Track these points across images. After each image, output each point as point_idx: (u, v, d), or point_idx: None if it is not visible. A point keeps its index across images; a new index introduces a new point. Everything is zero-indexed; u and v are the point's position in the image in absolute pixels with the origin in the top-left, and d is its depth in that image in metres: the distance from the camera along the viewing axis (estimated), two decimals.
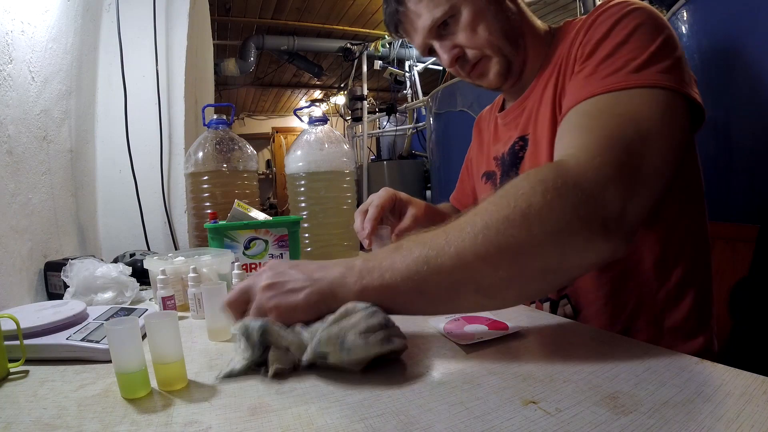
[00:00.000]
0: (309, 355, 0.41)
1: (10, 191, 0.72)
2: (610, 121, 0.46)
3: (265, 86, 6.07)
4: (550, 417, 0.32)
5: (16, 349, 0.46)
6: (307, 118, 1.03)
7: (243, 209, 0.85)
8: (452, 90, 2.45)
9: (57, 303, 0.57)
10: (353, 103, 3.93)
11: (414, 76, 4.01)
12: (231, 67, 4.27)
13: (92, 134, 1.11)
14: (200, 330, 0.58)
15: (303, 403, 0.37)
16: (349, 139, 4.27)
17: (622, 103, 0.47)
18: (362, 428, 0.32)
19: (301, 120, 1.06)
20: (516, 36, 0.63)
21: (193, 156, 1.00)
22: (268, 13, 3.98)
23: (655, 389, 0.35)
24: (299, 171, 0.99)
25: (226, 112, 1.08)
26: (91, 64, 1.09)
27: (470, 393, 0.37)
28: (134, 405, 0.37)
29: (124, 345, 0.39)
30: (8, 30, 0.74)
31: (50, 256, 0.82)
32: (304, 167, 0.98)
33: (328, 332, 0.40)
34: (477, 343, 0.47)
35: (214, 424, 0.34)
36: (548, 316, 0.57)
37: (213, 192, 1.00)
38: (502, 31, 0.61)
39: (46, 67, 0.86)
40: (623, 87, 0.47)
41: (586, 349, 0.44)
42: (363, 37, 4.34)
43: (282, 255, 0.81)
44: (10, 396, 0.40)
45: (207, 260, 0.70)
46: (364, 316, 0.40)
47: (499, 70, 0.64)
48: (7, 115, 0.72)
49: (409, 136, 3.78)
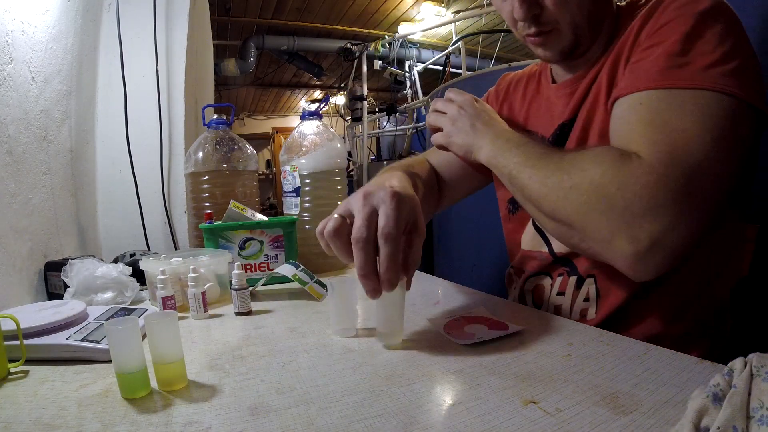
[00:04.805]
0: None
1: (10, 191, 0.72)
2: (675, 127, 0.45)
3: (265, 86, 6.07)
4: (550, 417, 0.32)
5: (16, 349, 0.46)
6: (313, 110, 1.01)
7: (239, 209, 0.85)
8: None
9: (57, 303, 0.57)
10: (353, 103, 3.93)
11: (414, 76, 4.01)
12: (231, 67, 4.28)
13: (92, 134, 1.11)
14: (200, 330, 0.58)
15: (303, 403, 0.37)
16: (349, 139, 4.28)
17: (688, 105, 0.45)
18: (362, 428, 0.32)
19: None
20: (597, 21, 0.59)
21: (193, 156, 1.00)
22: (268, 13, 3.98)
23: (655, 389, 0.35)
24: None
25: (226, 112, 1.08)
26: (91, 64, 1.09)
27: (470, 393, 0.37)
28: (134, 405, 0.37)
29: (124, 345, 0.39)
30: (8, 30, 0.74)
31: (50, 256, 0.82)
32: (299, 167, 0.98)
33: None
34: (477, 343, 0.47)
35: (214, 424, 0.34)
36: (548, 316, 0.57)
37: (213, 192, 1.00)
38: (589, 11, 0.57)
39: (46, 67, 0.86)
40: (690, 86, 0.46)
41: (586, 349, 0.44)
42: (363, 37, 4.34)
43: (277, 256, 0.81)
44: (10, 396, 0.40)
45: (204, 261, 0.70)
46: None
47: (563, 49, 0.59)
48: (7, 115, 0.72)
49: (409, 136, 3.78)
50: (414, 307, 0.63)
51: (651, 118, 0.47)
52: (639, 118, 0.48)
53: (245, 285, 0.64)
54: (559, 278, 0.65)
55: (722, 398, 0.28)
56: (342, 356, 0.47)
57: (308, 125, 0.99)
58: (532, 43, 0.61)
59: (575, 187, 0.48)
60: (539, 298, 0.68)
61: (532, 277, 0.69)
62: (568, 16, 0.56)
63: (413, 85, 4.04)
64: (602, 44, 0.61)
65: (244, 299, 0.64)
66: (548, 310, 0.65)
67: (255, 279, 0.77)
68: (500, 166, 0.57)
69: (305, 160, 0.96)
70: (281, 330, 0.56)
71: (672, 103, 0.46)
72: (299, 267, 0.72)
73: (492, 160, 0.59)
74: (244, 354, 0.48)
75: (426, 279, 0.83)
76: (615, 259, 0.46)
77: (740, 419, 0.26)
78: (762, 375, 0.27)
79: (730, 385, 0.28)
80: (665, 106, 0.46)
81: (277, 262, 0.80)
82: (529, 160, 0.54)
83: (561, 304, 0.63)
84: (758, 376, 0.27)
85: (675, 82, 0.46)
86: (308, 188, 0.97)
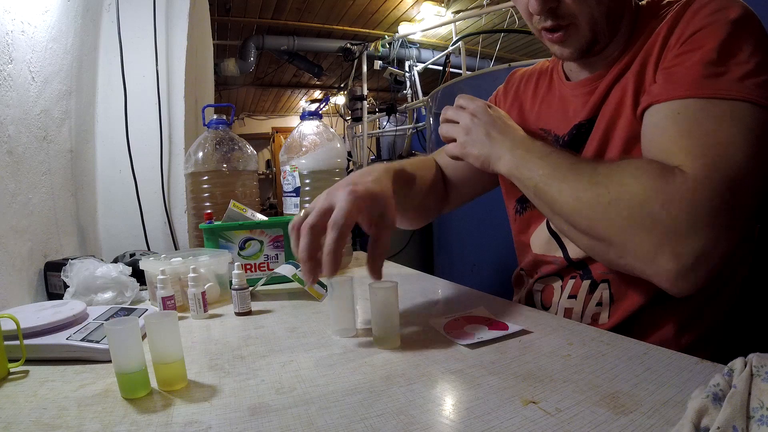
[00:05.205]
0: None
1: (11, 191, 0.72)
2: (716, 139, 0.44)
3: (265, 86, 6.07)
4: (550, 417, 0.32)
5: (16, 349, 0.46)
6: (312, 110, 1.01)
7: (239, 209, 0.85)
8: (452, 90, 2.45)
9: (57, 303, 0.57)
10: (353, 103, 3.92)
11: (414, 76, 4.01)
12: (231, 67, 4.27)
13: (92, 134, 1.11)
14: (200, 330, 0.58)
15: (303, 403, 0.37)
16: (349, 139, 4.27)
17: (726, 117, 0.45)
18: (362, 428, 0.32)
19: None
20: (616, 18, 0.57)
21: (193, 156, 1.00)
22: (268, 13, 3.98)
23: (655, 389, 0.35)
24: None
25: (226, 112, 1.08)
26: (91, 64, 1.09)
27: (470, 393, 0.37)
28: (134, 405, 0.37)
29: (124, 345, 0.39)
30: (8, 30, 0.74)
31: (50, 256, 0.82)
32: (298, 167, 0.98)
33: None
34: (477, 343, 0.47)
35: (214, 424, 0.34)
36: (548, 316, 0.57)
37: (213, 192, 1.00)
38: (608, 7, 0.55)
39: (46, 67, 0.86)
40: (727, 96, 0.45)
41: (586, 349, 0.44)
42: (363, 37, 4.34)
43: (277, 256, 0.81)
44: (10, 396, 0.40)
45: (204, 261, 0.70)
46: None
47: (581, 46, 0.57)
48: (7, 115, 0.72)
49: (409, 136, 3.78)
50: (414, 307, 0.63)
51: (690, 129, 0.46)
52: (677, 128, 0.47)
53: (245, 285, 0.64)
54: (571, 281, 0.63)
55: (722, 398, 0.28)
56: (342, 356, 0.46)
57: (308, 125, 0.99)
58: (549, 41, 0.59)
59: (615, 202, 0.46)
60: (547, 299, 0.67)
61: (542, 279, 0.68)
62: (586, 11, 0.54)
63: (413, 85, 4.04)
64: (621, 42, 0.59)
65: (244, 299, 0.64)
66: (557, 312, 0.64)
67: (255, 279, 0.77)
68: (524, 178, 0.55)
69: (305, 160, 0.96)
70: (281, 330, 0.56)
71: (711, 113, 0.45)
72: (299, 267, 0.72)
73: (514, 172, 0.56)
74: (244, 354, 0.48)
75: (426, 279, 0.83)
76: (656, 276, 0.45)
77: (740, 419, 0.26)
78: (762, 375, 0.27)
79: (730, 385, 0.28)
80: (704, 116, 0.46)
81: (277, 262, 0.80)
82: (558, 172, 0.52)
83: (572, 307, 0.62)
84: (758, 376, 0.28)
85: (713, 91, 0.46)
86: (308, 188, 0.97)
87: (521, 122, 0.71)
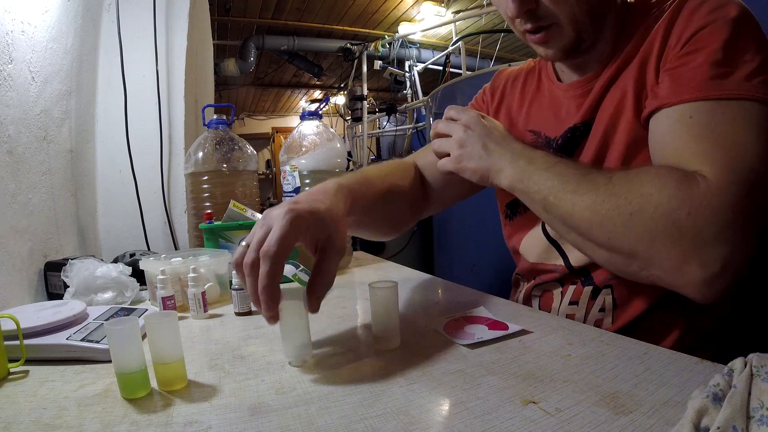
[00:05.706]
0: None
1: (11, 191, 0.72)
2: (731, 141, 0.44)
3: (265, 86, 6.07)
4: (550, 417, 0.32)
5: (16, 349, 0.46)
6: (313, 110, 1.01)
7: (239, 209, 0.85)
8: (452, 90, 2.45)
9: (57, 303, 0.57)
10: (353, 103, 3.92)
11: (414, 76, 4.01)
12: (231, 67, 4.27)
13: (92, 134, 1.11)
14: (200, 330, 0.58)
15: (303, 403, 0.37)
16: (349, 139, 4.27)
17: (738, 117, 0.44)
18: (362, 428, 0.32)
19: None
20: (599, 14, 0.56)
21: (193, 156, 1.00)
22: (268, 13, 3.98)
23: (655, 389, 0.35)
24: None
25: (226, 112, 1.08)
26: (91, 64, 1.09)
27: (470, 393, 0.37)
28: (134, 405, 0.37)
29: (124, 345, 0.39)
30: (8, 30, 0.74)
31: (50, 256, 0.82)
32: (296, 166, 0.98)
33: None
34: (477, 343, 0.47)
35: (214, 424, 0.34)
36: (548, 316, 0.57)
37: (213, 192, 1.00)
38: (590, 6, 0.54)
39: (46, 67, 0.86)
40: (736, 96, 0.45)
41: (586, 349, 0.44)
42: (363, 37, 4.34)
43: None
44: (10, 396, 0.40)
45: (204, 261, 0.70)
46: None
47: (565, 46, 0.56)
48: (7, 115, 0.72)
49: (409, 136, 3.78)
50: (414, 307, 0.63)
51: (704, 133, 0.45)
52: (691, 132, 0.46)
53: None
54: (571, 287, 0.62)
55: (722, 398, 0.28)
56: (342, 356, 0.47)
57: (308, 125, 0.99)
58: (533, 42, 0.58)
59: (637, 213, 0.44)
60: (546, 305, 0.66)
61: (541, 285, 0.67)
62: (567, 10, 0.53)
63: (413, 85, 4.03)
64: (610, 41, 0.57)
65: (244, 299, 0.64)
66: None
67: None
68: (530, 192, 0.53)
69: (305, 160, 0.96)
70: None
71: (722, 115, 0.45)
72: (299, 267, 0.71)
73: (517, 185, 0.54)
74: (244, 354, 0.48)
75: (426, 279, 0.83)
76: (684, 285, 0.44)
77: (740, 419, 0.26)
78: (762, 375, 0.27)
79: (730, 385, 0.28)
80: (716, 118, 0.45)
81: None
82: (568, 184, 0.49)
83: (574, 313, 0.61)
84: (758, 376, 0.28)
85: (722, 92, 0.45)
86: (308, 188, 0.97)
87: (509, 124, 0.69)
